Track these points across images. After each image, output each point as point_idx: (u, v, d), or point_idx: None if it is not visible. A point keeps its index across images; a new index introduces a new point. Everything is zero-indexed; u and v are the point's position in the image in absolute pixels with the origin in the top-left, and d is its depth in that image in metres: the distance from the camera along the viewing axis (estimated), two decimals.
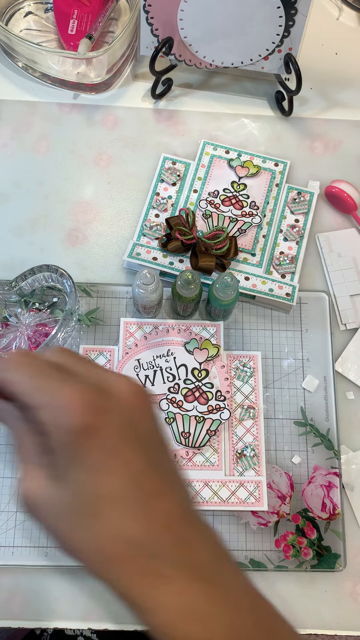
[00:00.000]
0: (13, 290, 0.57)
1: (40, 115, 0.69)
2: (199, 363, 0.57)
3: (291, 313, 0.60)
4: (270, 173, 0.65)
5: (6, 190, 0.65)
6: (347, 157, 0.68)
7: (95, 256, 0.63)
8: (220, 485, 0.53)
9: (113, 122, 0.69)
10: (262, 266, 0.61)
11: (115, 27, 0.73)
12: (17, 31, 0.72)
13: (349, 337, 0.60)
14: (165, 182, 0.65)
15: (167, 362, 0.57)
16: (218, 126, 0.69)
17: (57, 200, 0.65)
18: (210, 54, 0.67)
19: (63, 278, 0.55)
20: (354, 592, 0.52)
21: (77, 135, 0.68)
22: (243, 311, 0.60)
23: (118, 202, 0.65)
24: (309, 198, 0.64)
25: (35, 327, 0.57)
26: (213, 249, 0.58)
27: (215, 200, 0.63)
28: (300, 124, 0.70)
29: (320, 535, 0.53)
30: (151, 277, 0.51)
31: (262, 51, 0.65)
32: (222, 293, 0.52)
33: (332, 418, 0.57)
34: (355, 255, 0.63)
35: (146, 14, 0.64)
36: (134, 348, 0.57)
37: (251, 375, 0.57)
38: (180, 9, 0.63)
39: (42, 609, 0.51)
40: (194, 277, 0.51)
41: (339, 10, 0.77)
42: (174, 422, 0.54)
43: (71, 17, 0.70)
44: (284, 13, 0.61)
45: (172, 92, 0.71)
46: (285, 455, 0.56)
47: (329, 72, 0.73)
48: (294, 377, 0.58)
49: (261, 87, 0.72)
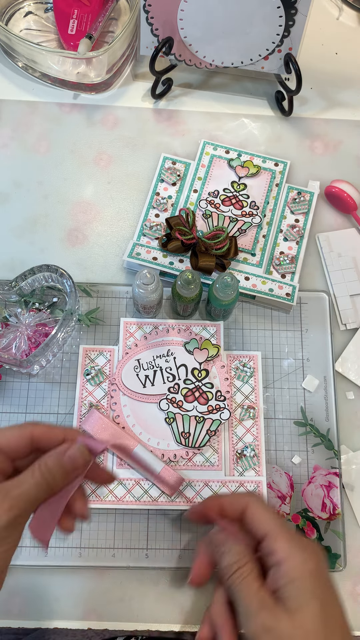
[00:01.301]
0: (13, 290, 0.57)
1: (40, 115, 0.69)
2: (199, 363, 0.57)
3: (291, 313, 0.60)
4: (270, 173, 0.65)
5: (6, 190, 0.65)
6: (347, 157, 0.68)
7: (95, 256, 0.63)
8: (220, 485, 0.53)
9: (113, 122, 0.69)
10: (262, 266, 0.61)
11: (115, 27, 0.73)
12: (17, 31, 0.72)
13: (349, 337, 0.60)
14: (165, 182, 0.65)
15: (167, 362, 0.57)
16: (218, 126, 0.69)
17: (57, 200, 0.65)
18: (210, 54, 0.67)
19: (63, 278, 0.55)
20: (354, 592, 0.52)
21: (77, 135, 0.68)
22: (243, 311, 0.60)
23: (118, 202, 0.65)
24: (309, 198, 0.64)
25: (35, 327, 0.57)
26: (213, 249, 0.58)
27: (215, 200, 0.63)
28: (300, 124, 0.70)
29: (320, 535, 0.53)
30: (151, 277, 0.51)
31: (262, 51, 0.65)
32: (222, 293, 0.52)
33: (332, 418, 0.57)
34: (355, 255, 0.63)
35: (146, 14, 0.64)
36: (134, 348, 0.57)
37: (251, 375, 0.57)
38: (180, 9, 0.63)
39: (42, 609, 0.51)
40: (194, 277, 0.51)
41: (339, 10, 0.77)
42: (174, 422, 0.54)
43: (71, 17, 0.70)
44: (284, 13, 0.61)
45: (172, 92, 0.71)
46: (285, 455, 0.56)
47: (329, 72, 0.73)
48: (294, 377, 0.58)
49: (261, 87, 0.72)
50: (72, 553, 0.52)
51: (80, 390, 0.56)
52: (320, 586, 0.38)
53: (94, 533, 0.53)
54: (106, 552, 0.52)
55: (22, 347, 0.56)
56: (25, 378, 0.57)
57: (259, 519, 0.41)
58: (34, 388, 0.57)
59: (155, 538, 0.53)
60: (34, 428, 0.41)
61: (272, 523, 0.41)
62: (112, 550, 0.52)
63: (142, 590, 0.52)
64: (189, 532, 0.53)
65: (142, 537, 0.53)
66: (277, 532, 0.40)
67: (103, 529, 0.53)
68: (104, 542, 0.53)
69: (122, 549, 0.52)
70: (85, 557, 0.52)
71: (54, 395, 0.57)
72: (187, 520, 0.53)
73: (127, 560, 0.52)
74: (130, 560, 0.52)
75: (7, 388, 0.57)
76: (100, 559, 0.52)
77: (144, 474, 0.53)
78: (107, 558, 0.52)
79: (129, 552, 0.52)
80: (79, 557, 0.52)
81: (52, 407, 0.56)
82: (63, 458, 0.40)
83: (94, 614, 0.51)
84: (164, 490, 0.53)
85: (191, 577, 0.44)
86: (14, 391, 0.57)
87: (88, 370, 0.57)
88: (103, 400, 0.56)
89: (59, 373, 0.57)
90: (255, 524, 0.41)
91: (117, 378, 0.56)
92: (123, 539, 0.53)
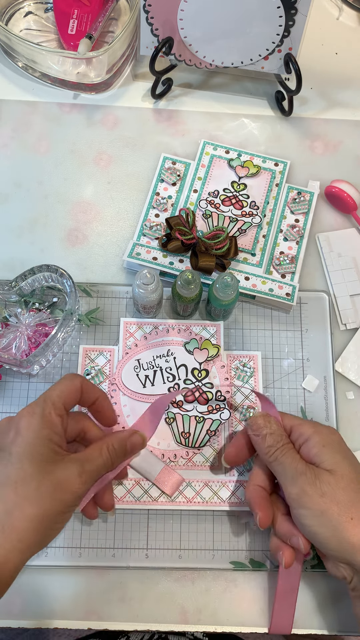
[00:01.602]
0: (13, 290, 0.57)
1: (40, 115, 0.69)
2: (199, 363, 0.57)
3: (291, 313, 0.60)
4: (270, 173, 0.65)
5: (6, 190, 0.65)
6: (347, 157, 0.68)
7: (95, 256, 0.63)
8: (220, 485, 0.53)
9: (113, 122, 0.69)
10: (262, 266, 0.61)
11: (115, 27, 0.73)
12: (17, 31, 0.72)
13: (349, 337, 0.60)
14: (165, 182, 0.65)
15: (167, 362, 0.57)
16: (218, 126, 0.69)
17: (57, 200, 0.65)
18: (210, 54, 0.67)
19: (63, 278, 0.55)
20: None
21: (77, 135, 0.68)
22: (243, 311, 0.60)
23: (118, 202, 0.65)
24: (309, 198, 0.64)
25: (35, 327, 0.57)
26: (213, 249, 0.58)
27: (215, 200, 0.63)
28: (300, 124, 0.70)
29: None
30: (151, 277, 0.51)
31: (262, 51, 0.65)
32: (222, 293, 0.52)
33: (332, 418, 0.57)
34: (355, 255, 0.63)
35: (146, 14, 0.64)
36: (134, 348, 0.57)
37: (251, 375, 0.57)
38: (180, 9, 0.63)
39: (42, 609, 0.51)
40: (194, 277, 0.51)
41: (339, 10, 0.77)
42: (174, 422, 0.54)
43: (71, 17, 0.70)
44: (284, 13, 0.61)
45: (172, 92, 0.71)
46: None
47: (329, 72, 0.73)
48: (294, 377, 0.58)
49: (261, 87, 0.72)
50: (72, 553, 0.52)
51: None
52: (347, 451, 0.47)
53: (94, 533, 0.53)
54: (106, 552, 0.52)
55: (22, 347, 0.56)
56: (25, 378, 0.57)
57: (283, 419, 0.49)
58: (34, 388, 0.57)
59: (155, 538, 0.53)
60: (82, 380, 0.47)
61: (294, 418, 0.50)
62: (112, 550, 0.52)
63: (142, 590, 0.52)
64: (188, 532, 0.53)
65: (142, 537, 0.53)
66: (300, 421, 0.49)
67: (103, 529, 0.53)
68: (104, 542, 0.53)
69: (122, 549, 0.52)
70: (85, 557, 0.52)
71: None
72: (187, 514, 0.53)
73: (127, 560, 0.52)
74: (130, 560, 0.52)
75: (7, 388, 0.57)
76: (100, 559, 0.52)
77: (144, 473, 0.53)
78: (107, 558, 0.52)
79: (129, 552, 0.52)
80: (79, 557, 0.52)
81: None
82: (126, 443, 0.47)
83: (94, 614, 0.51)
84: (164, 490, 0.53)
85: (226, 453, 0.51)
86: (14, 391, 0.57)
87: (88, 370, 0.57)
88: None
89: (59, 373, 0.57)
90: (282, 423, 0.49)
91: (117, 378, 0.56)
92: (123, 539, 0.53)
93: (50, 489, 0.41)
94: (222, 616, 0.51)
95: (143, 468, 0.53)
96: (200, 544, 0.53)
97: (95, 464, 0.44)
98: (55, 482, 0.41)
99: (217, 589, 0.52)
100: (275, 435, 0.47)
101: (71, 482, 0.42)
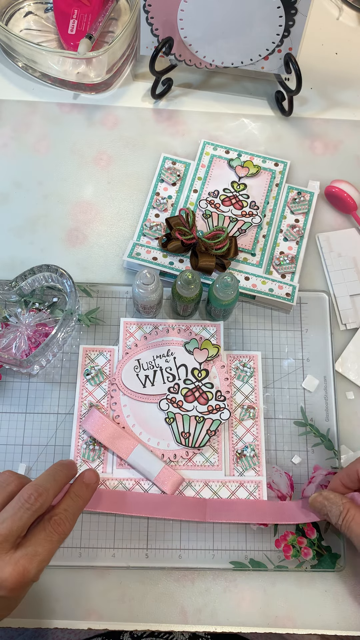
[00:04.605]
0: (13, 290, 0.57)
1: (40, 115, 0.69)
2: (199, 363, 0.57)
3: (291, 313, 0.60)
4: (270, 173, 0.65)
5: (6, 190, 0.65)
6: (347, 157, 0.68)
7: (95, 256, 0.63)
8: (220, 485, 0.53)
9: (113, 122, 0.69)
10: (262, 266, 0.61)
11: (115, 27, 0.73)
12: (17, 31, 0.72)
13: (349, 337, 0.60)
14: (165, 182, 0.65)
15: (167, 362, 0.57)
16: (218, 126, 0.69)
17: (57, 200, 0.65)
18: (210, 54, 0.67)
19: (63, 278, 0.55)
20: (354, 592, 0.52)
21: (77, 135, 0.68)
22: (243, 311, 0.60)
23: (118, 202, 0.65)
24: (309, 198, 0.64)
25: (35, 327, 0.57)
26: (213, 249, 0.58)
27: (215, 200, 0.63)
28: (300, 124, 0.70)
29: (320, 535, 0.53)
30: (151, 277, 0.51)
31: (262, 51, 0.65)
32: (222, 293, 0.52)
33: (332, 418, 0.57)
34: (355, 255, 0.63)
35: (146, 14, 0.64)
36: (134, 348, 0.57)
37: (251, 375, 0.57)
38: (180, 9, 0.63)
39: (42, 609, 0.51)
40: (194, 277, 0.51)
41: (339, 10, 0.77)
42: (174, 422, 0.54)
43: (71, 17, 0.70)
44: (284, 13, 0.61)
45: (172, 92, 0.71)
46: (285, 455, 0.56)
47: (329, 72, 0.73)
48: (294, 377, 0.58)
49: (261, 87, 0.72)
50: (72, 553, 0.52)
51: (80, 390, 0.56)
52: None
53: (94, 533, 0.53)
54: (106, 552, 0.52)
55: (22, 347, 0.56)
56: (25, 378, 0.57)
57: (350, 468, 0.50)
58: (34, 388, 0.57)
59: (155, 538, 0.53)
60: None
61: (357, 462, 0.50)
62: (112, 550, 0.52)
63: (142, 590, 0.52)
64: (188, 532, 0.53)
65: (142, 537, 0.53)
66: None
67: (103, 529, 0.53)
68: (104, 542, 0.53)
69: (122, 549, 0.52)
70: (85, 557, 0.52)
71: (54, 395, 0.57)
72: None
73: (127, 560, 0.52)
74: (130, 560, 0.52)
75: (7, 388, 0.57)
76: (100, 559, 0.52)
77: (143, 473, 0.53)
78: (107, 558, 0.52)
79: (129, 552, 0.52)
80: (79, 557, 0.52)
81: (52, 407, 0.56)
82: (82, 486, 0.47)
83: (94, 614, 0.51)
84: (164, 490, 0.53)
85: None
86: (14, 391, 0.57)
87: (88, 370, 0.57)
88: (103, 400, 0.56)
89: (59, 373, 0.57)
90: (349, 470, 0.50)
91: (117, 378, 0.56)
92: (123, 539, 0.53)
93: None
94: (222, 616, 0.51)
95: (143, 468, 0.53)
96: (200, 544, 0.53)
97: (42, 555, 0.41)
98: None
99: (217, 589, 0.52)
100: (336, 508, 0.49)
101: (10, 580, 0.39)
